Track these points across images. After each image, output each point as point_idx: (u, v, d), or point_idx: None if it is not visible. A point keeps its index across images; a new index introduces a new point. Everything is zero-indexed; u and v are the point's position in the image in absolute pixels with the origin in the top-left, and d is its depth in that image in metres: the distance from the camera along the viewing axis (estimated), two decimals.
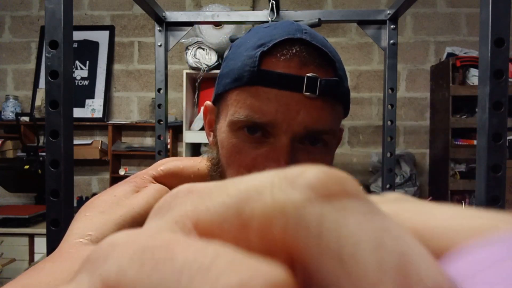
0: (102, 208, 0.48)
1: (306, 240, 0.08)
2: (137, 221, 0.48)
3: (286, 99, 0.49)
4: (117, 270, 0.09)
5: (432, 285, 0.08)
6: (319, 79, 0.49)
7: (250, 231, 0.09)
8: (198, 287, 0.08)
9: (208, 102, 0.61)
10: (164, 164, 0.58)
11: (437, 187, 2.89)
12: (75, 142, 1.27)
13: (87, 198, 3.03)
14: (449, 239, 0.10)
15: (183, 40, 2.43)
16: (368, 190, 2.77)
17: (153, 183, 0.56)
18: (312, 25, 1.30)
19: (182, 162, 0.59)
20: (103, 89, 3.11)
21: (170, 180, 0.56)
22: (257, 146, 0.51)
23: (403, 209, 0.12)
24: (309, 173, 0.09)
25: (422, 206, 0.12)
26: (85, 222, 0.46)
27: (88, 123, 3.05)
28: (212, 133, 0.60)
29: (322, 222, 0.08)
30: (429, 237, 0.10)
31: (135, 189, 0.53)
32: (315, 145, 0.52)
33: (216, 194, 0.10)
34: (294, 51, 0.50)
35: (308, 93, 0.49)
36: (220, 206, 0.10)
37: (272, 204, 0.09)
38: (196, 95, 2.82)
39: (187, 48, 2.56)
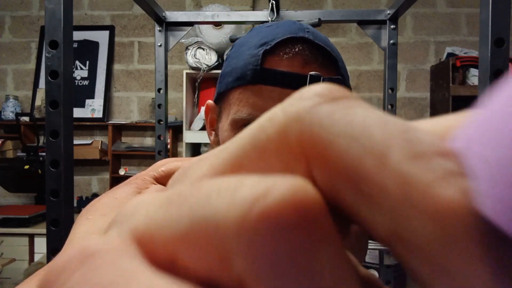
0: (103, 210, 0.47)
1: (320, 132, 0.09)
2: None
3: None
4: (144, 218, 0.10)
5: (433, 147, 0.09)
6: (322, 78, 0.49)
7: (269, 155, 0.10)
8: (228, 202, 0.08)
9: (210, 101, 0.60)
10: (165, 165, 0.58)
11: None
12: (75, 142, 1.27)
13: (87, 198, 3.03)
14: (441, 131, 0.10)
15: (183, 40, 2.43)
16: None
17: (155, 184, 0.55)
18: (312, 25, 1.30)
19: (183, 163, 0.59)
20: (103, 89, 3.11)
21: None
22: None
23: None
24: (314, 87, 0.10)
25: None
26: (87, 226, 0.45)
27: (88, 123, 3.05)
28: (213, 132, 0.60)
29: (333, 115, 0.09)
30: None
31: (136, 190, 0.52)
32: None
33: (228, 146, 0.10)
34: (296, 49, 0.50)
35: None
36: (235, 150, 0.10)
37: (285, 118, 0.10)
38: (196, 95, 2.82)
39: (187, 48, 2.56)
